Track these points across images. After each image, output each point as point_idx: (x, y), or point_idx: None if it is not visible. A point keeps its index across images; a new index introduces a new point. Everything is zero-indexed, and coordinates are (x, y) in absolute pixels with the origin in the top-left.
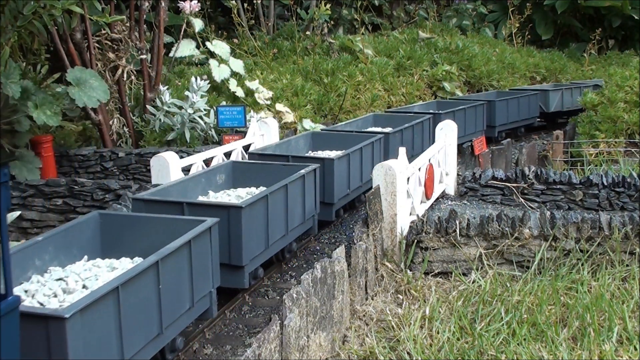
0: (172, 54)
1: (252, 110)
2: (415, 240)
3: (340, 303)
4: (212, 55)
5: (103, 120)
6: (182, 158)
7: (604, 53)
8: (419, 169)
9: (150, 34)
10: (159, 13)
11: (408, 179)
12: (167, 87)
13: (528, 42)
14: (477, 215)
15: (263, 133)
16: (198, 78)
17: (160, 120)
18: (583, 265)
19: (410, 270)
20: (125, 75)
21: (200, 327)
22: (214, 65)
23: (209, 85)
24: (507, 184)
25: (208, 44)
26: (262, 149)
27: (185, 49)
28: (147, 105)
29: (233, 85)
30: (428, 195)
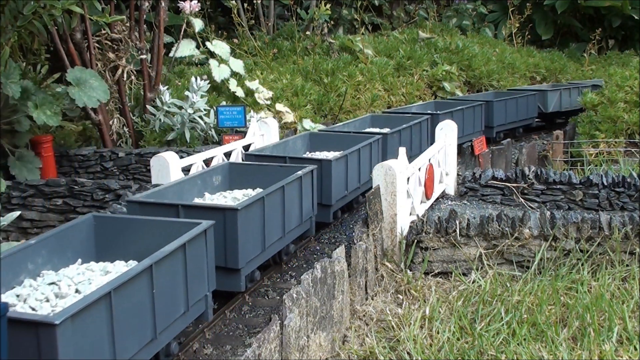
0: (172, 54)
1: (252, 110)
2: (415, 240)
3: (340, 303)
4: (212, 55)
5: (103, 120)
6: (182, 158)
7: (604, 53)
8: (419, 169)
9: (150, 34)
10: (159, 13)
11: (408, 179)
12: (167, 87)
13: (528, 42)
14: (477, 215)
15: (263, 133)
16: (198, 78)
17: (160, 120)
18: (583, 265)
19: (410, 270)
20: (125, 75)
21: (200, 327)
22: (214, 65)
23: (209, 85)
24: (507, 184)
25: (208, 44)
26: (259, 150)
27: (185, 49)
28: (147, 105)
29: (233, 85)
30: (428, 195)
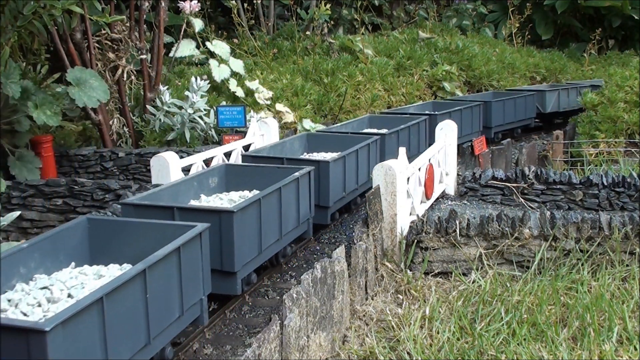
0: (172, 54)
1: (252, 110)
2: (415, 240)
3: (340, 303)
4: (212, 55)
5: (103, 120)
6: (182, 158)
7: (604, 53)
8: (419, 169)
9: (150, 34)
10: (159, 13)
11: (408, 179)
12: (167, 87)
13: (528, 42)
14: (477, 215)
15: (263, 133)
16: (198, 78)
17: (160, 120)
18: (583, 265)
19: (410, 270)
20: (125, 75)
21: (200, 327)
22: (214, 65)
23: (209, 85)
24: (507, 184)
25: (208, 44)
26: (256, 151)
27: (185, 49)
28: (147, 105)
29: (233, 85)
30: (428, 195)
